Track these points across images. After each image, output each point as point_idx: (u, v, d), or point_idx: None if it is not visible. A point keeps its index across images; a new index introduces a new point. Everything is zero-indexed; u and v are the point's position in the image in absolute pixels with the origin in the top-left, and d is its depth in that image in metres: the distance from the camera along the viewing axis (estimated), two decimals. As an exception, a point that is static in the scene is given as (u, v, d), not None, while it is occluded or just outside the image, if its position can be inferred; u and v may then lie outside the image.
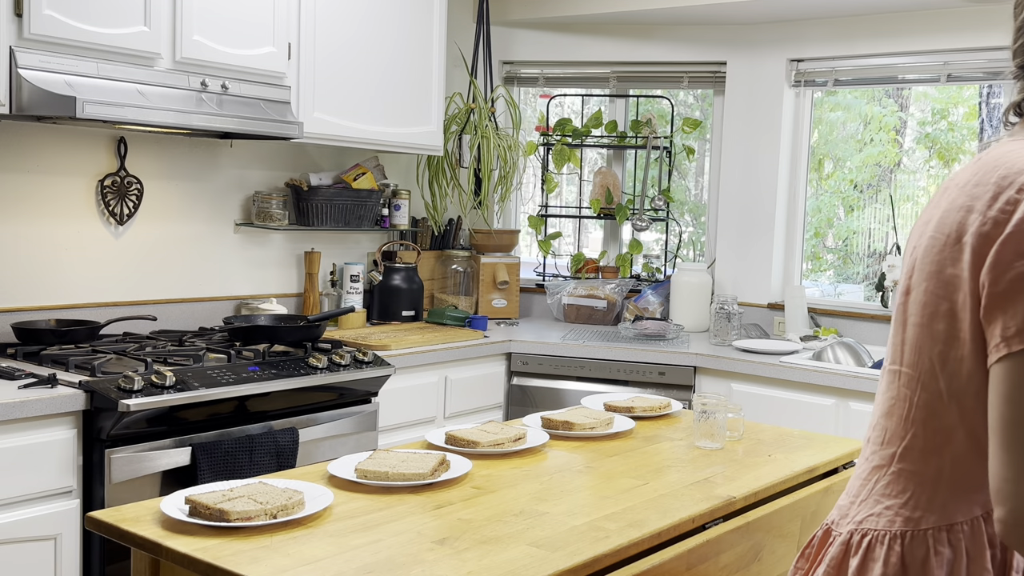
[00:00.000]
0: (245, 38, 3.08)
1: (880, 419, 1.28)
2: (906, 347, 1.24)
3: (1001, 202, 1.13)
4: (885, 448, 1.26)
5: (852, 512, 1.29)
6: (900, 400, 1.25)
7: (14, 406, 2.33)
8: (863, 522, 1.26)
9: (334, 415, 3.02)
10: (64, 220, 3.08)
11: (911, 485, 1.22)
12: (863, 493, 1.28)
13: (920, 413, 1.22)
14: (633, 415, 2.55)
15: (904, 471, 1.23)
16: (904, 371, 1.24)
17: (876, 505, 1.25)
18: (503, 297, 4.27)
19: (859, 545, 1.25)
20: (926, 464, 1.21)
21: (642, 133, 4.35)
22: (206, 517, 1.62)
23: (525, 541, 1.62)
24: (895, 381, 1.26)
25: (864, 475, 1.29)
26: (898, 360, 1.25)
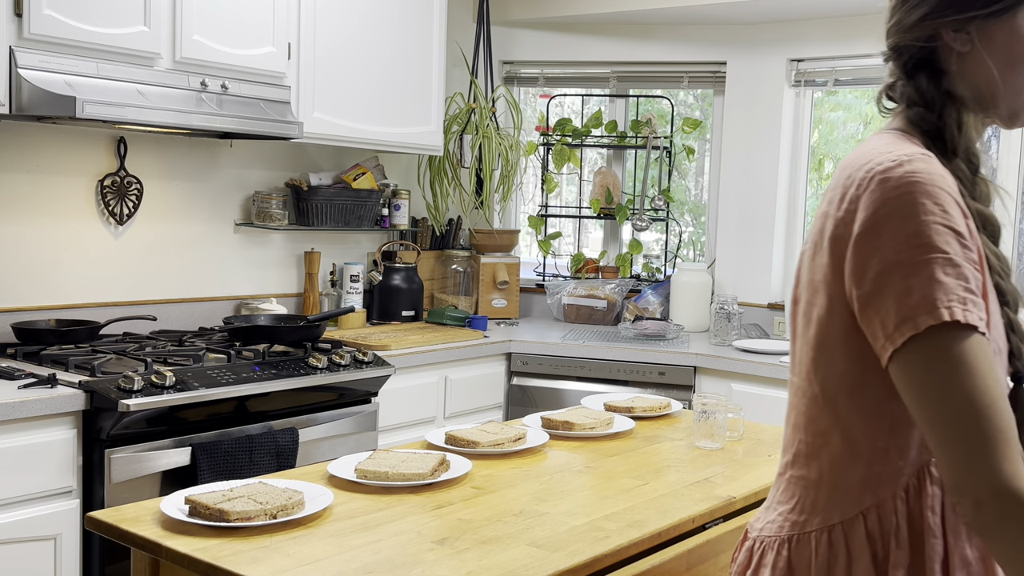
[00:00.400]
0: (245, 38, 3.08)
1: (785, 427, 1.30)
2: (795, 357, 1.25)
3: (847, 202, 1.13)
4: (783, 456, 1.28)
5: (760, 519, 1.31)
6: (791, 409, 1.26)
7: (14, 406, 2.33)
8: (762, 529, 1.28)
9: (334, 415, 3.02)
10: (64, 220, 3.08)
11: (798, 490, 1.23)
12: (768, 501, 1.31)
13: (803, 419, 1.23)
14: (633, 415, 2.55)
15: (793, 477, 1.25)
16: (793, 380, 1.26)
17: (771, 512, 1.27)
18: (503, 297, 4.27)
19: (757, 552, 1.27)
20: (808, 468, 1.22)
21: (642, 133, 4.35)
22: (206, 517, 1.62)
23: (525, 541, 1.62)
24: (790, 391, 1.28)
25: (773, 483, 1.33)
26: (791, 370, 1.27)
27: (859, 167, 1.14)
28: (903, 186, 1.07)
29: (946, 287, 1.04)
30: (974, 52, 1.18)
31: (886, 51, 1.25)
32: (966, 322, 1.03)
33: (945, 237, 1.05)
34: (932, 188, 1.07)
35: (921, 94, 1.20)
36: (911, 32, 1.20)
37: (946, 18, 1.17)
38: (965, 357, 1.03)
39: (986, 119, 1.21)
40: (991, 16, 1.16)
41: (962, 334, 1.03)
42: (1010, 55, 1.17)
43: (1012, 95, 1.19)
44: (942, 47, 1.19)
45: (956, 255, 1.05)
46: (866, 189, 1.10)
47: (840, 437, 1.19)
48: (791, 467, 1.25)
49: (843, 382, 1.17)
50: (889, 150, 1.13)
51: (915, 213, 1.06)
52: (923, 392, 1.04)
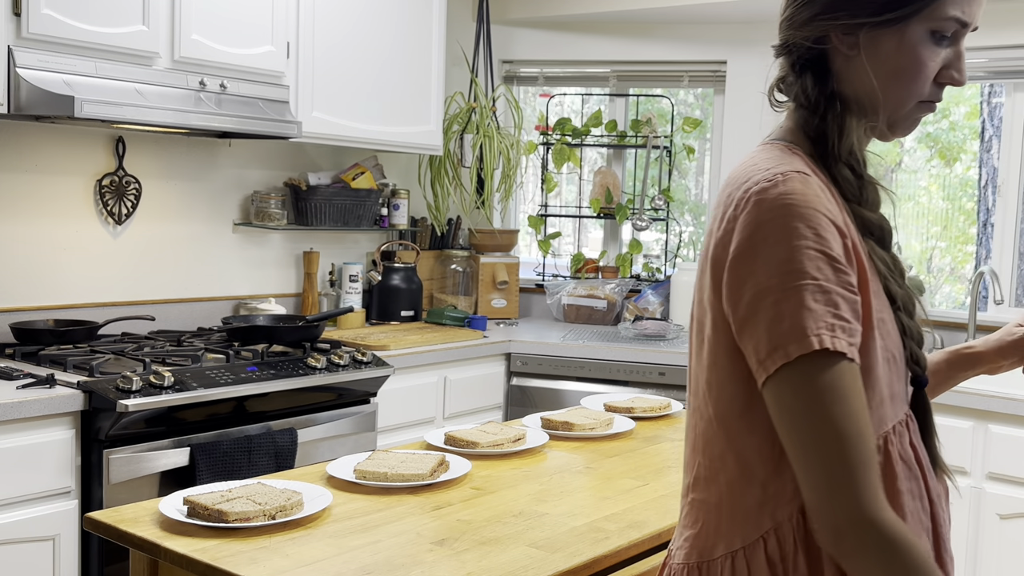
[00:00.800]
0: (244, 37, 3.08)
1: (686, 448, 1.27)
2: (691, 377, 1.24)
3: (725, 222, 1.12)
4: (685, 477, 1.25)
5: (674, 541, 1.28)
6: (689, 430, 1.24)
7: (12, 406, 2.32)
8: (673, 555, 1.25)
9: (333, 415, 3.01)
10: (62, 220, 3.07)
11: (701, 514, 1.21)
12: (679, 524, 1.28)
13: (700, 441, 1.21)
14: (633, 415, 2.55)
15: (696, 500, 1.22)
16: (691, 401, 1.24)
17: (679, 538, 1.24)
18: (503, 297, 4.26)
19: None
20: (708, 492, 1.20)
21: (642, 132, 4.34)
22: (205, 518, 1.62)
23: (525, 542, 1.61)
24: (687, 413, 1.26)
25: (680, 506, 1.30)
26: (688, 391, 1.25)
27: (738, 185, 1.13)
28: (776, 208, 1.07)
29: (816, 314, 1.03)
30: (859, 58, 1.16)
31: (777, 46, 1.23)
32: (835, 349, 1.03)
33: (816, 263, 1.05)
34: (806, 210, 1.06)
35: (807, 95, 1.19)
36: (802, 30, 1.19)
37: (837, 20, 1.16)
38: (833, 384, 1.03)
39: (869, 126, 1.20)
40: (881, 25, 1.14)
41: (830, 361, 1.03)
42: (894, 66, 1.16)
43: (892, 107, 1.17)
44: (831, 49, 1.18)
45: (827, 281, 1.05)
46: (743, 210, 1.09)
47: (735, 459, 1.16)
48: (692, 490, 1.23)
49: (733, 404, 1.15)
50: (768, 167, 1.12)
51: (787, 237, 1.05)
52: (791, 419, 1.05)
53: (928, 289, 3.89)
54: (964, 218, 4.67)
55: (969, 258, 4.70)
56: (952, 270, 4.82)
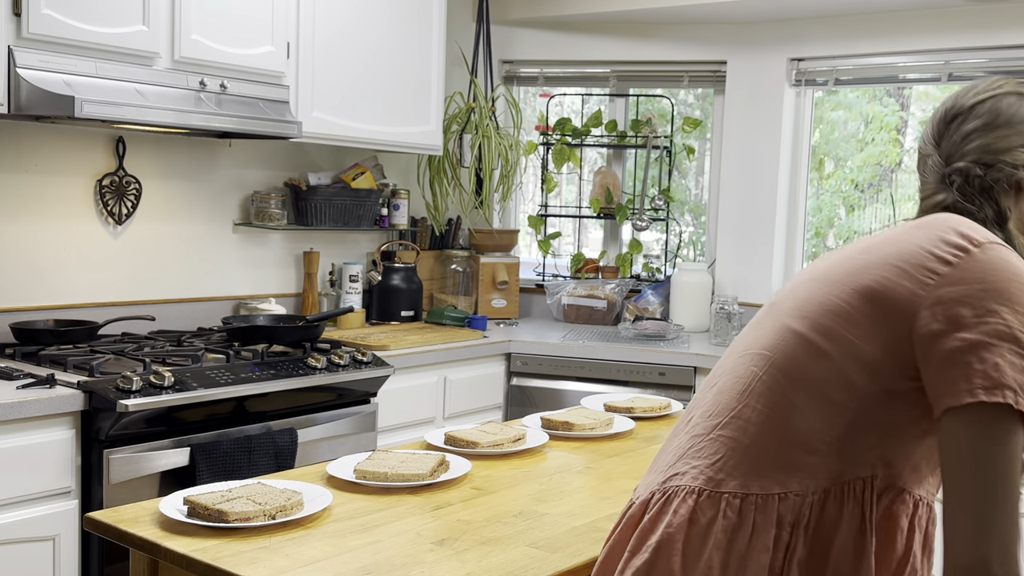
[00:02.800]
0: (244, 37, 3.08)
1: (714, 396, 1.32)
2: (767, 333, 1.29)
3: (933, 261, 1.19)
4: (709, 419, 1.30)
5: (655, 479, 1.32)
6: (744, 377, 1.28)
7: (12, 406, 2.32)
8: (666, 482, 1.29)
9: (333, 415, 3.01)
10: (62, 220, 3.07)
11: (723, 449, 1.25)
12: (671, 459, 1.32)
13: (760, 387, 1.26)
14: (633, 415, 2.55)
15: (722, 437, 1.26)
16: (761, 353, 1.28)
17: (683, 466, 1.28)
18: (503, 297, 4.26)
19: (658, 502, 1.28)
20: (744, 432, 1.24)
21: (642, 133, 4.34)
22: (205, 518, 1.62)
23: (525, 542, 1.61)
24: (744, 362, 1.30)
25: (678, 445, 1.33)
26: (756, 345, 1.30)
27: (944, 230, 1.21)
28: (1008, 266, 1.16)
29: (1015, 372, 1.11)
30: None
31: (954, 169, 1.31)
32: (1018, 408, 1.10)
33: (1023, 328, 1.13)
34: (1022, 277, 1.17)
35: (999, 214, 1.28)
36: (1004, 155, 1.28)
37: None
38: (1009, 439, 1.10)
39: None
40: None
41: (1012, 419, 1.10)
42: None
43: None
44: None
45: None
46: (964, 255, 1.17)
47: (796, 418, 1.22)
48: (722, 428, 1.27)
49: (830, 383, 1.21)
50: (976, 227, 1.22)
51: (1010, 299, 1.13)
52: (960, 453, 1.10)
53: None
54: (964, 218, 4.66)
55: (969, 258, 4.69)
56: (952, 270, 4.80)
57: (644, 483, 1.36)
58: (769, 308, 1.35)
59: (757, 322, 1.36)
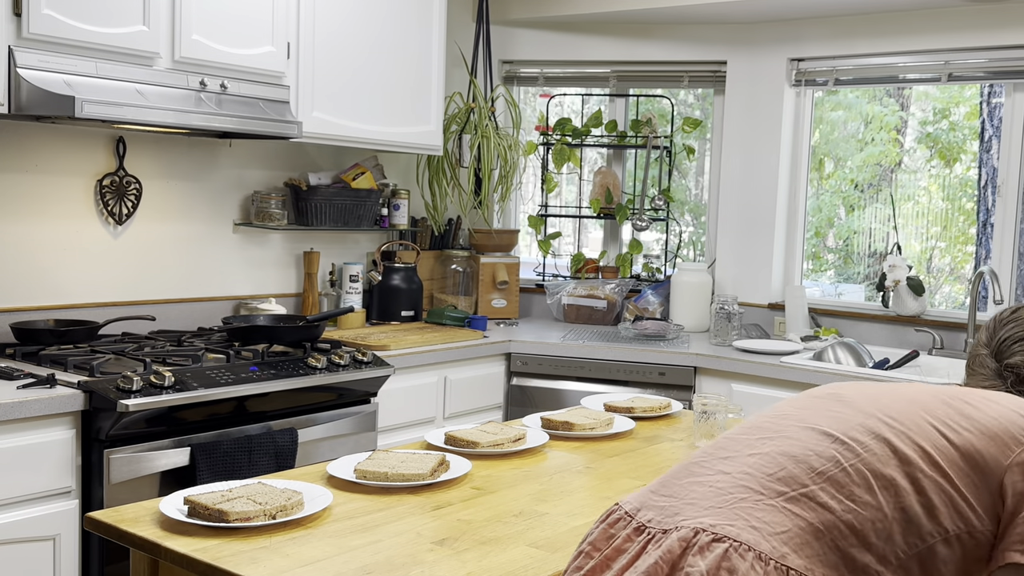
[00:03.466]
0: (244, 37, 3.08)
1: (778, 455, 1.27)
2: (853, 426, 1.30)
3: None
4: (772, 482, 1.24)
5: (690, 513, 1.24)
6: (824, 458, 1.26)
7: (13, 406, 2.32)
8: (716, 527, 1.20)
9: (333, 415, 3.01)
10: (63, 220, 3.07)
11: (790, 524, 1.20)
12: (714, 501, 1.24)
13: (843, 477, 1.23)
14: (633, 415, 2.55)
15: (788, 511, 1.21)
16: (847, 443, 1.27)
17: (738, 519, 1.21)
18: (503, 297, 4.26)
19: (708, 547, 1.19)
20: (817, 516, 1.20)
21: (642, 133, 4.34)
22: (205, 518, 1.62)
23: (525, 542, 1.62)
24: (822, 441, 1.28)
25: (720, 487, 1.26)
26: (840, 431, 1.29)
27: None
28: None
29: None
30: None
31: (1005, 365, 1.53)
32: None
33: None
34: None
35: None
36: None
37: None
38: None
39: None
40: None
41: None
42: None
43: None
44: None
45: None
46: None
47: (876, 524, 1.22)
48: (789, 502, 1.22)
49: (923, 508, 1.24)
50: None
51: None
52: None
53: (928, 289, 3.89)
54: (964, 218, 4.68)
55: (969, 258, 4.70)
56: (952, 270, 4.82)
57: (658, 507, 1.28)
58: (839, 399, 1.36)
59: (826, 406, 1.35)
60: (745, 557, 1.16)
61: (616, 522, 1.30)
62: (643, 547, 1.24)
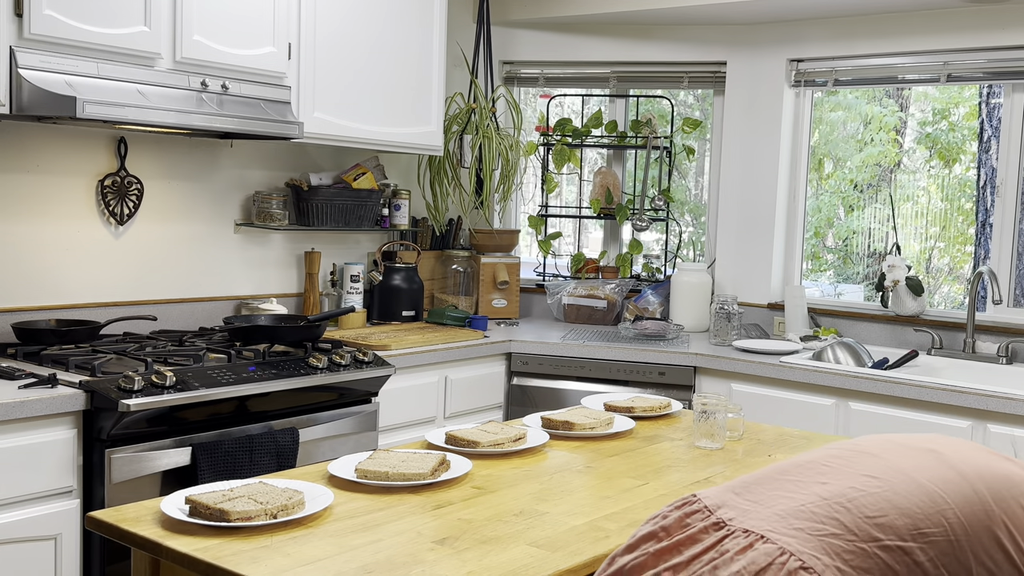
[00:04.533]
0: (245, 38, 3.09)
1: (883, 502, 1.19)
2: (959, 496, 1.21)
3: None
4: (870, 526, 1.18)
5: (775, 524, 1.19)
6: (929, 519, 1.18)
7: (14, 406, 2.33)
8: (803, 555, 1.14)
9: (334, 415, 3.02)
10: (64, 220, 3.08)
11: (877, 572, 1.14)
12: (804, 524, 1.19)
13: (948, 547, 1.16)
14: (633, 415, 2.55)
15: (879, 558, 1.15)
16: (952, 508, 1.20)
17: (825, 555, 1.15)
18: (503, 297, 4.27)
19: (795, 573, 1.13)
20: (908, 569, 1.14)
21: (642, 133, 4.35)
22: (206, 517, 1.62)
23: (525, 541, 1.62)
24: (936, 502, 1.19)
25: (813, 511, 1.20)
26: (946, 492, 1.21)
27: None
28: None
29: None
30: None
31: None
32: None
33: None
34: None
35: None
36: None
37: None
38: None
39: None
40: None
41: None
42: None
43: None
44: None
45: None
46: None
47: None
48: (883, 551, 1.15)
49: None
50: None
51: None
52: None
53: (927, 289, 3.89)
54: (963, 218, 4.68)
55: (968, 258, 4.71)
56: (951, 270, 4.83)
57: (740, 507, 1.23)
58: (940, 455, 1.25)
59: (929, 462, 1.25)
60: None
61: (693, 513, 1.25)
62: (719, 540, 1.20)
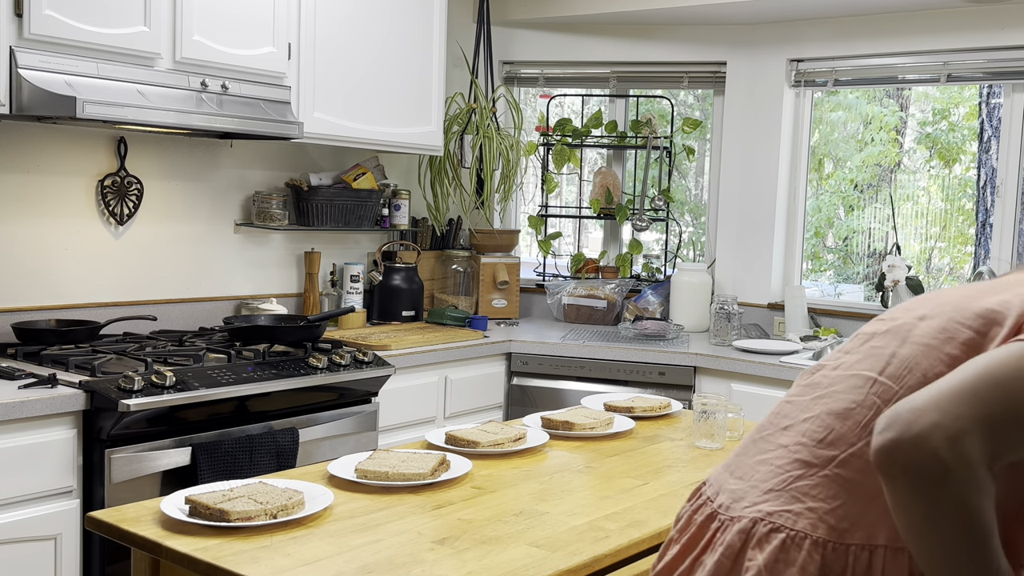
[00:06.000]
0: (245, 38, 3.09)
1: (826, 416, 1.21)
2: (895, 360, 1.20)
3: None
4: (823, 448, 1.19)
5: (752, 498, 1.21)
6: (865, 407, 1.18)
7: (14, 406, 2.33)
8: (773, 515, 1.18)
9: (334, 415, 3.02)
10: (64, 220, 3.08)
11: (844, 494, 1.15)
12: (773, 482, 1.21)
13: None
14: (633, 415, 2.55)
15: (841, 477, 1.16)
16: (882, 381, 1.19)
17: (795, 503, 1.18)
18: (503, 297, 4.27)
19: (766, 539, 1.17)
20: (869, 477, 1.14)
21: (642, 133, 4.35)
22: (206, 517, 1.62)
23: (525, 541, 1.62)
24: (866, 387, 1.20)
25: (779, 464, 1.22)
26: (878, 370, 1.20)
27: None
28: None
29: None
30: None
31: None
32: None
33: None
34: None
35: None
36: None
37: None
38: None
39: None
40: None
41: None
42: None
43: None
44: None
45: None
46: None
47: None
48: (840, 466, 1.16)
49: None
50: None
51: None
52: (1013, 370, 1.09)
53: (927, 289, 3.89)
54: (963, 218, 4.68)
55: (968, 258, 4.70)
56: (951, 270, 4.83)
57: (729, 489, 1.25)
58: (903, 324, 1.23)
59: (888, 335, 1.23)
60: (802, 546, 1.14)
61: (700, 507, 1.29)
62: (712, 536, 1.23)
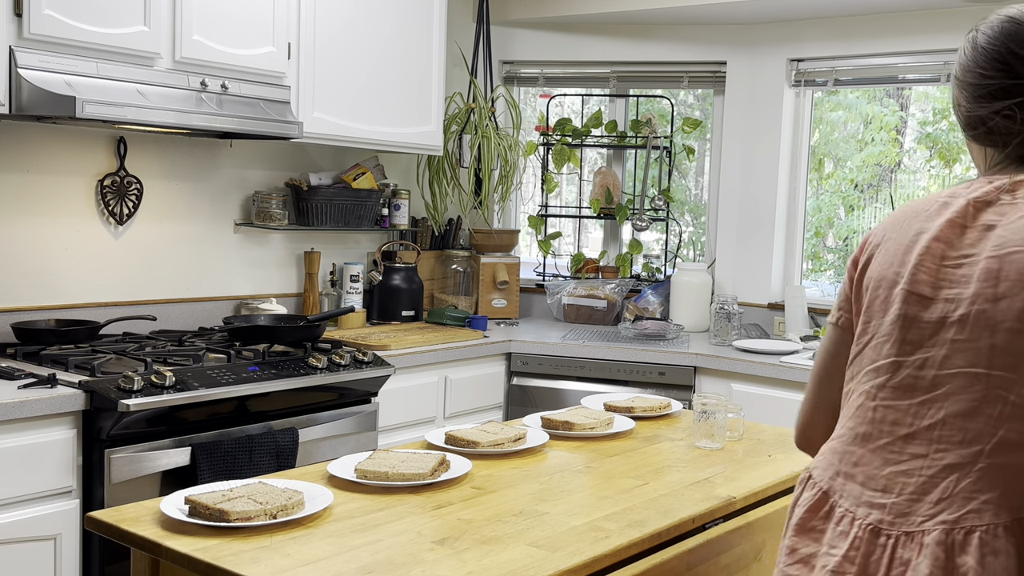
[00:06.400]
0: (245, 38, 3.08)
1: (952, 419, 1.28)
2: (997, 351, 1.27)
3: None
4: (965, 448, 1.27)
5: (925, 511, 1.29)
6: (990, 401, 1.26)
7: (14, 406, 2.33)
8: (959, 520, 1.26)
9: (334, 415, 3.02)
10: (64, 220, 3.08)
11: (1002, 479, 1.24)
12: (935, 493, 1.28)
13: (1017, 410, 1.24)
14: (633, 415, 2.55)
15: (994, 466, 1.25)
16: (996, 375, 1.26)
17: (969, 502, 1.26)
18: (503, 297, 4.27)
19: (966, 542, 1.25)
20: (1018, 455, 1.24)
21: (642, 133, 4.35)
22: (206, 517, 1.62)
23: (525, 541, 1.62)
24: (981, 383, 1.27)
25: (929, 475, 1.29)
26: (984, 364, 1.27)
27: None
28: None
29: None
30: None
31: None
32: None
33: None
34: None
35: None
36: None
37: None
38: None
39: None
40: None
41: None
42: None
43: None
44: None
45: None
46: None
47: None
48: (990, 456, 1.25)
49: None
50: None
51: None
52: None
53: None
54: (964, 218, 4.66)
55: (969, 258, 4.69)
56: (952, 270, 4.81)
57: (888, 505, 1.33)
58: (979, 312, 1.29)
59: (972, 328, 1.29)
60: (997, 534, 1.23)
61: (828, 513, 1.39)
62: (893, 551, 1.30)
